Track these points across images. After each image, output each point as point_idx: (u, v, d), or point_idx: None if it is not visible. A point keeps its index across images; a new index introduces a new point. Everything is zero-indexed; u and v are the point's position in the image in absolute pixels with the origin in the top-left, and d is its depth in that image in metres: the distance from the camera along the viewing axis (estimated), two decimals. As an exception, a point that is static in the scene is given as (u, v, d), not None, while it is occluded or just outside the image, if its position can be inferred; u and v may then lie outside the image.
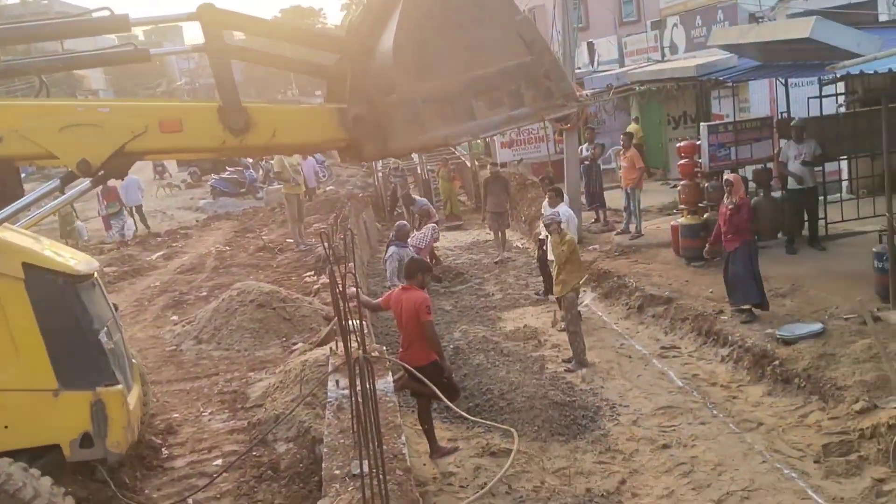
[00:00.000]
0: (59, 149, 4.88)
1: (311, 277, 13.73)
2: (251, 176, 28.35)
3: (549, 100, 4.51)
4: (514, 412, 8.82)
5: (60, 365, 5.62)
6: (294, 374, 8.24)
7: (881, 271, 9.86)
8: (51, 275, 5.72)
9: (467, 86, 4.40)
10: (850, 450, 7.39)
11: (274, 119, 5.02)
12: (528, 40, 4.49)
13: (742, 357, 9.63)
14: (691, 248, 13.05)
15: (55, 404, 5.59)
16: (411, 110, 4.30)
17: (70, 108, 4.99)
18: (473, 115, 4.40)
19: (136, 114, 4.96)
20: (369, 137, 4.88)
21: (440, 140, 4.37)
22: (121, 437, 5.75)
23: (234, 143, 4.95)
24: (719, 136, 13.15)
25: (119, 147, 4.85)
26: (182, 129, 4.92)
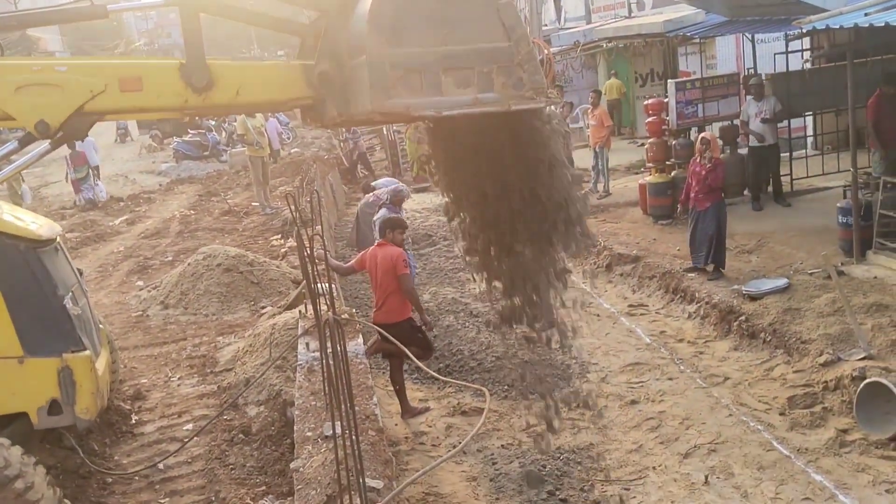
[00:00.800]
0: (15, 109, 4.69)
1: (278, 241, 13.60)
2: (214, 139, 27.85)
3: (518, 90, 4.41)
4: (484, 371, 8.86)
5: (25, 331, 5.50)
6: (263, 338, 8.17)
7: (845, 226, 10.00)
8: (11, 239, 5.58)
9: (439, 59, 4.30)
10: (815, 402, 7.54)
11: (238, 76, 4.88)
12: (508, 26, 4.39)
13: (709, 313, 9.74)
14: (659, 207, 13.13)
15: (21, 371, 5.49)
16: (378, 73, 4.20)
17: (26, 67, 4.78)
18: (440, 91, 4.30)
19: (94, 72, 4.77)
20: (332, 97, 4.78)
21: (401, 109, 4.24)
22: (90, 403, 5.67)
23: (196, 102, 4.81)
24: (686, 93, 13.16)
25: (78, 107, 4.68)
26: (142, 88, 4.75)
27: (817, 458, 6.78)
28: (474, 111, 4.40)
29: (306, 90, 4.87)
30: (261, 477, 6.32)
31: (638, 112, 20.42)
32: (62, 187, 21.93)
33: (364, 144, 24.13)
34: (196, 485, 6.31)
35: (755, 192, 12.96)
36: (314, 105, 5.09)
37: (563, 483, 6.80)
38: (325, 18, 4.84)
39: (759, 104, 12.50)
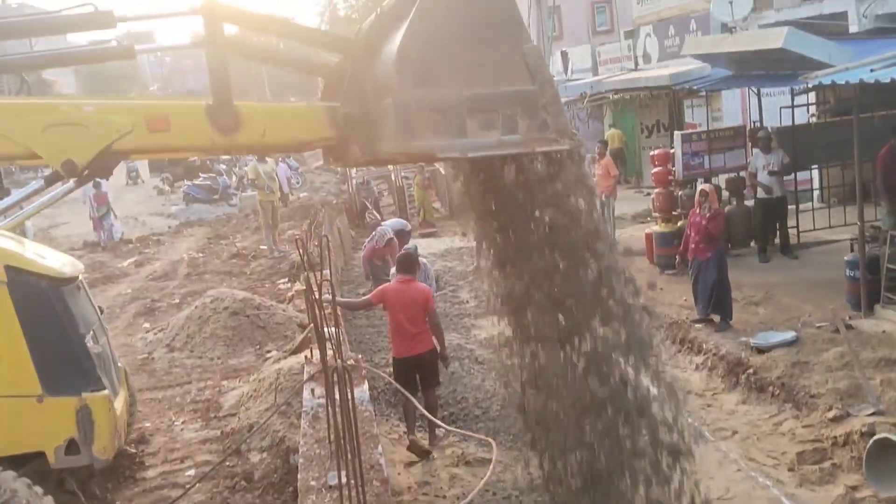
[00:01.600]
0: (42, 149, 4.72)
1: (286, 284, 13.62)
2: (224, 182, 28.11)
3: (543, 132, 4.44)
4: (489, 420, 8.78)
5: (45, 370, 5.46)
6: (268, 383, 8.14)
7: (853, 280, 9.97)
8: (34, 277, 5.56)
9: (464, 101, 4.35)
10: (824, 457, 7.44)
11: (264, 117, 4.92)
12: (533, 69, 4.45)
13: (716, 365, 9.68)
14: (665, 256, 13.13)
15: (39, 410, 5.44)
16: (404, 114, 4.24)
17: (53, 107, 4.83)
18: (465, 133, 4.34)
19: (122, 112, 4.83)
20: (357, 138, 4.80)
21: (426, 150, 4.29)
22: (107, 443, 5.62)
23: (223, 142, 4.86)
24: (693, 144, 13.26)
25: (105, 146, 4.71)
26: (170, 128, 4.79)
27: (827, 516, 6.68)
28: (498, 153, 4.45)
29: (331, 131, 4.91)
30: (262, 525, 6.26)
31: (644, 162, 20.56)
32: (71, 228, 22.10)
33: (375, 189, 24.35)
34: (197, 532, 6.24)
35: (762, 243, 12.97)
36: (337, 145, 5.14)
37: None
38: (350, 60, 4.90)
39: (766, 157, 12.59)
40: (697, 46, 13.84)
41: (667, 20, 20.61)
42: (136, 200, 30.57)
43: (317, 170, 32.09)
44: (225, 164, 33.32)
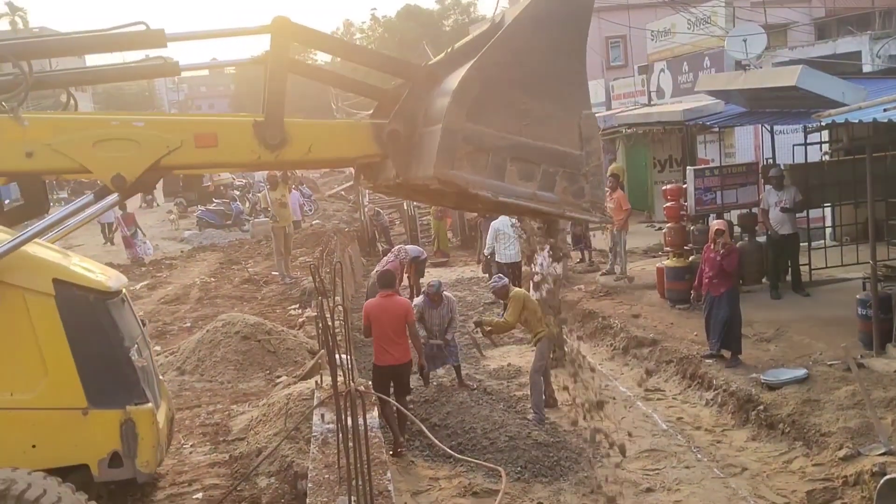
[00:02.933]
0: (93, 163, 4.82)
1: (296, 310, 13.66)
2: (237, 208, 28.32)
3: (578, 199, 4.46)
4: (497, 451, 8.74)
5: (90, 383, 5.48)
6: (278, 408, 8.15)
7: (865, 318, 9.94)
8: (81, 291, 5.58)
9: (510, 146, 4.37)
10: (834, 497, 7.39)
11: (310, 134, 4.99)
12: (585, 136, 4.47)
13: (727, 401, 9.64)
14: (676, 291, 13.13)
15: (84, 423, 5.45)
16: (449, 142, 4.25)
17: (104, 122, 4.94)
18: (503, 177, 4.36)
19: (171, 128, 4.91)
20: (396, 157, 4.85)
21: (461, 182, 4.25)
22: (150, 456, 5.61)
23: (269, 159, 4.92)
24: (705, 180, 13.31)
25: (154, 162, 4.80)
26: (217, 144, 4.88)
27: (837, 556, 6.61)
28: (530, 206, 4.42)
29: (374, 148, 4.97)
30: (268, 550, 6.24)
31: (656, 196, 20.61)
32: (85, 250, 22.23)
33: (386, 220, 24.50)
34: (203, 556, 6.22)
35: (774, 280, 12.95)
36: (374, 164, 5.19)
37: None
38: (409, 85, 4.95)
39: (779, 193, 12.62)
40: (711, 83, 13.96)
41: (681, 57, 20.81)
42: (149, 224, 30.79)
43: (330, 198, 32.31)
44: (238, 190, 33.59)
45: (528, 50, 4.46)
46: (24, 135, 4.78)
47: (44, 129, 4.85)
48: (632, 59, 28.60)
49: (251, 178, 36.54)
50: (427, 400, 10.19)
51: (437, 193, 5.06)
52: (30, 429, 5.40)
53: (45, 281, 5.46)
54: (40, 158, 4.81)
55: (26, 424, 5.39)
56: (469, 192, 4.34)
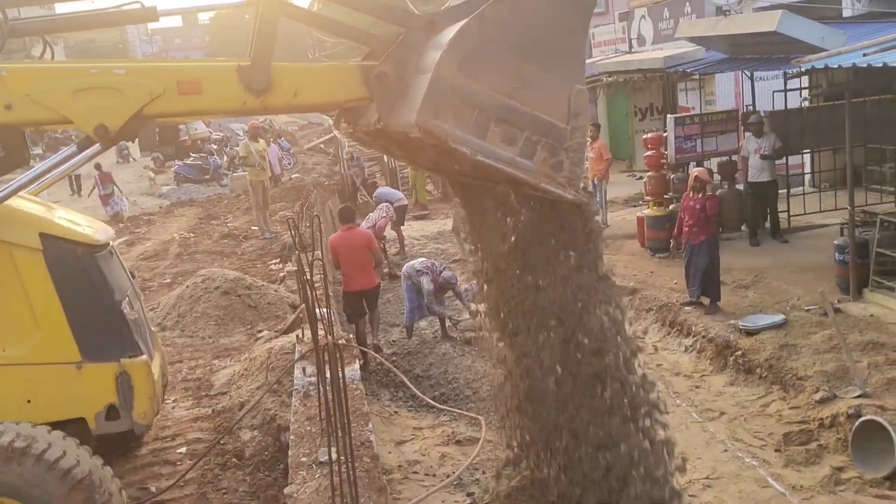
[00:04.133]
0: (74, 113, 4.70)
1: (277, 265, 13.61)
2: (215, 162, 27.98)
3: (556, 172, 4.39)
4: (479, 401, 8.83)
5: (83, 337, 5.46)
6: (259, 362, 8.15)
7: (842, 264, 10.04)
8: (69, 244, 5.51)
9: (497, 107, 4.30)
10: (810, 439, 7.53)
11: (296, 78, 4.89)
12: (573, 111, 4.40)
13: (705, 347, 9.75)
14: (656, 240, 13.17)
15: (79, 377, 5.45)
16: (437, 90, 4.16)
17: (84, 71, 4.79)
18: (485, 137, 4.29)
19: (153, 75, 4.79)
20: (381, 101, 4.75)
21: (441, 133, 4.16)
22: (147, 407, 5.62)
23: (254, 105, 4.83)
24: (685, 128, 13.27)
25: (137, 110, 4.69)
26: (201, 91, 4.77)
27: (812, 496, 6.77)
28: (507, 170, 4.33)
29: (363, 90, 4.87)
30: (253, 502, 6.27)
31: (636, 145, 20.56)
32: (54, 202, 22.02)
33: (365, 167, 24.29)
34: (188, 509, 6.26)
35: (753, 227, 13.02)
36: (356, 109, 5.10)
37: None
38: (406, 31, 4.83)
39: (758, 141, 12.61)
40: (692, 29, 13.82)
41: (661, 3, 20.55)
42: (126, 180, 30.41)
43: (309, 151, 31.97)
44: (216, 144, 33.18)
45: (533, 14, 4.38)
46: (2, 85, 4.65)
47: (22, 80, 4.70)
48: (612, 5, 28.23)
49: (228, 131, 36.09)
50: (410, 352, 10.25)
51: (414, 148, 4.98)
52: (24, 384, 5.38)
53: (32, 235, 5.38)
54: (19, 110, 4.69)
55: (20, 380, 5.37)
56: (447, 146, 4.25)
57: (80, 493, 4.72)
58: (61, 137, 36.35)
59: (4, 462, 4.65)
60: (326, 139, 32.14)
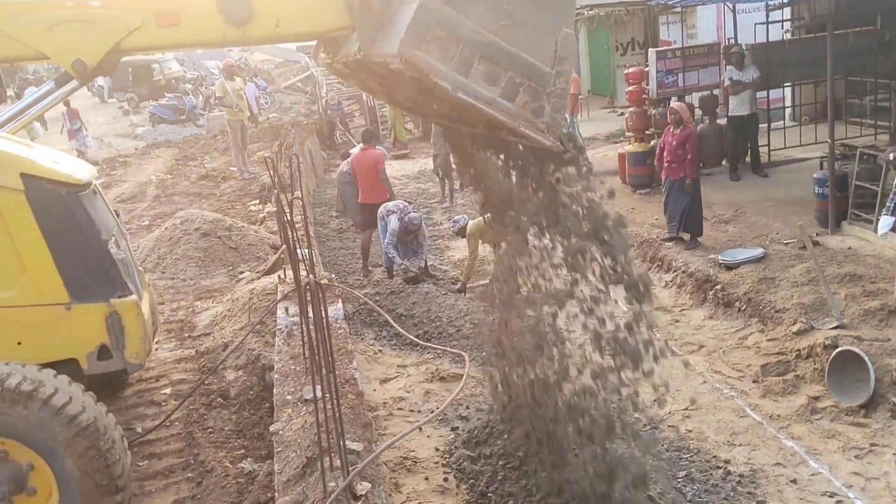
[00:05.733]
0: (51, 49, 4.59)
1: (256, 206, 13.51)
2: (191, 102, 27.47)
3: (536, 117, 4.29)
4: (462, 338, 8.88)
5: (71, 278, 5.40)
6: (242, 303, 8.15)
7: (821, 197, 10.09)
8: (52, 184, 5.40)
9: (483, 43, 4.18)
10: (788, 370, 7.67)
11: (277, 7, 4.77)
12: (559, 55, 4.27)
13: (685, 282, 9.84)
14: (638, 176, 13.17)
15: (68, 318, 5.41)
16: (422, 21, 4.05)
17: (59, 4, 4.64)
18: (467, 74, 4.18)
19: (130, 7, 4.66)
20: (363, 31, 4.64)
21: (423, 65, 4.04)
22: (139, 347, 5.61)
23: (235, 36, 4.73)
24: (667, 62, 13.17)
25: (114, 44, 4.58)
26: (179, 23, 4.65)
27: (789, 425, 6.91)
28: (487, 111, 4.23)
29: (345, 19, 4.77)
30: (239, 440, 6.34)
31: (618, 81, 20.39)
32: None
33: (345, 109, 24.01)
34: (174, 448, 6.31)
35: (733, 162, 13.04)
36: (336, 39, 4.97)
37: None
38: None
39: (739, 74, 12.53)
40: (674, -40, 13.60)
41: (643, -66, 20.15)
42: (101, 122, 29.87)
43: (286, 90, 31.46)
44: (191, 83, 32.53)
45: None
46: None
47: None
48: (593, -63, 27.68)
49: (203, 69, 35.34)
50: (393, 291, 10.26)
51: (393, 83, 4.88)
52: (13, 326, 5.35)
53: (13, 176, 5.26)
54: None
55: (9, 322, 5.34)
56: (428, 80, 4.14)
57: (85, 439, 4.74)
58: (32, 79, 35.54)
59: (11, 404, 4.66)
60: (303, 77, 31.60)
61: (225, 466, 5.92)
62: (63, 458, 4.71)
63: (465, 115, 4.47)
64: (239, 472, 5.80)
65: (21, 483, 4.74)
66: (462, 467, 6.35)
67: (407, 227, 10.79)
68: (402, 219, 10.73)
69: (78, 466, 4.72)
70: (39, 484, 4.78)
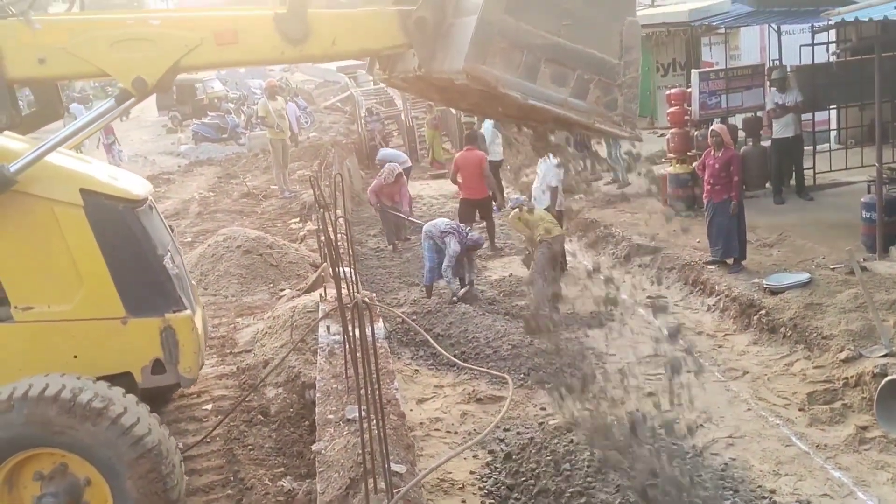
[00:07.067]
0: (111, 66, 4.63)
1: (297, 224, 13.62)
2: (233, 121, 27.91)
3: (610, 110, 4.26)
4: (500, 359, 8.84)
5: (127, 292, 5.44)
6: (283, 320, 8.19)
7: (869, 221, 9.90)
8: (110, 200, 5.46)
9: (547, 47, 4.14)
10: (835, 398, 7.49)
11: (333, 25, 4.79)
12: (626, 45, 4.24)
13: (728, 306, 9.69)
14: (679, 198, 13.05)
15: (124, 332, 5.45)
16: (484, 34, 4.01)
17: (120, 22, 4.72)
18: (535, 79, 4.14)
19: (189, 26, 4.72)
20: (421, 47, 4.63)
21: (490, 78, 4.02)
22: (192, 362, 5.63)
23: (292, 54, 4.75)
24: (710, 83, 13.07)
25: (174, 62, 4.63)
26: (238, 41, 4.69)
27: (836, 455, 6.75)
28: (560, 112, 4.20)
29: (401, 37, 4.75)
30: (279, 458, 6.35)
31: (659, 102, 20.25)
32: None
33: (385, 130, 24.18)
34: (215, 465, 6.34)
35: (777, 185, 12.86)
36: (392, 55, 5.00)
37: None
38: None
39: (782, 97, 12.39)
40: (718, -18, 13.53)
41: (685, -45, 20.07)
42: (144, 139, 30.45)
43: (326, 109, 31.79)
44: (233, 102, 33.06)
45: None
46: (36, 39, 4.58)
47: (57, 33, 4.62)
48: (634, -41, 27.64)
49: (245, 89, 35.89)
50: (430, 311, 10.25)
51: (456, 92, 4.86)
52: (70, 340, 5.39)
53: (73, 191, 5.32)
54: (55, 63, 4.63)
55: (66, 336, 5.38)
56: (496, 92, 4.12)
57: (148, 461, 4.76)
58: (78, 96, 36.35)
59: (80, 420, 4.69)
60: (343, 97, 31.93)
61: (265, 484, 5.92)
62: (124, 478, 4.73)
63: (535, 113, 4.43)
64: (279, 490, 5.81)
65: (77, 497, 4.78)
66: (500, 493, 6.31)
67: (471, 247, 10.89)
68: (464, 241, 10.72)
69: (137, 488, 4.73)
70: (94, 499, 4.81)
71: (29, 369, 5.03)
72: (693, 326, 9.64)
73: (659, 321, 9.70)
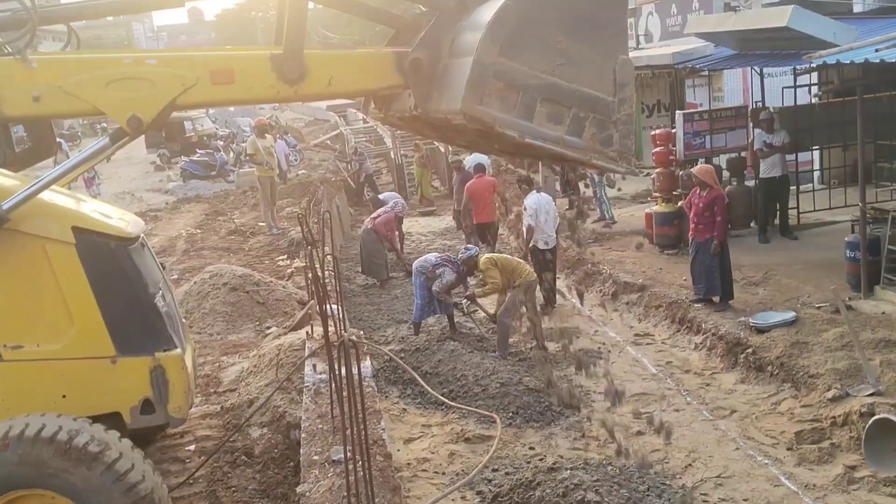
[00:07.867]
0: (107, 105, 4.63)
1: (285, 261, 13.59)
2: (221, 159, 27.97)
3: (606, 147, 4.32)
4: (488, 398, 8.78)
5: (117, 331, 5.36)
6: (268, 359, 8.13)
7: (853, 261, 9.98)
8: (102, 238, 5.41)
9: (542, 86, 4.22)
10: (823, 437, 7.48)
11: (329, 66, 4.81)
12: (620, 82, 4.31)
13: (715, 345, 9.70)
14: (665, 236, 13.13)
15: (113, 371, 5.35)
16: (480, 76, 4.06)
17: (116, 61, 4.73)
18: (531, 118, 4.21)
19: (185, 65, 4.74)
20: (417, 88, 4.68)
21: (487, 118, 4.08)
22: (182, 401, 5.54)
23: (288, 94, 4.77)
24: (694, 124, 13.23)
25: (170, 101, 4.63)
26: (234, 81, 4.71)
27: (825, 495, 6.71)
28: (556, 150, 4.26)
29: (397, 77, 4.79)
30: (263, 500, 6.25)
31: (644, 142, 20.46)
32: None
33: (371, 167, 24.29)
34: (198, 506, 6.24)
35: (762, 224, 12.97)
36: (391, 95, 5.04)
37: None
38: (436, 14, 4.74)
39: (769, 137, 12.56)
40: (701, 25, 13.75)
41: None
42: (132, 177, 30.43)
43: (315, 147, 31.95)
44: (222, 140, 33.17)
45: None
46: (32, 77, 4.57)
47: (53, 71, 4.63)
48: (619, 1, 28.10)
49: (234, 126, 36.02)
50: (418, 349, 10.21)
51: (452, 130, 4.90)
52: (59, 379, 5.31)
53: (65, 229, 5.27)
54: (50, 101, 4.62)
55: (55, 374, 5.30)
56: (492, 131, 4.17)
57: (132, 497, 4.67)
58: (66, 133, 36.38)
59: (75, 463, 4.61)
60: (333, 135, 32.12)
61: (248, 526, 5.83)
62: None
63: (531, 149, 4.47)
64: (262, 533, 5.72)
65: None
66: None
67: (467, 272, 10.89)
68: (459, 270, 10.74)
69: None
70: None
71: (17, 408, 4.96)
72: (680, 365, 9.64)
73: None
